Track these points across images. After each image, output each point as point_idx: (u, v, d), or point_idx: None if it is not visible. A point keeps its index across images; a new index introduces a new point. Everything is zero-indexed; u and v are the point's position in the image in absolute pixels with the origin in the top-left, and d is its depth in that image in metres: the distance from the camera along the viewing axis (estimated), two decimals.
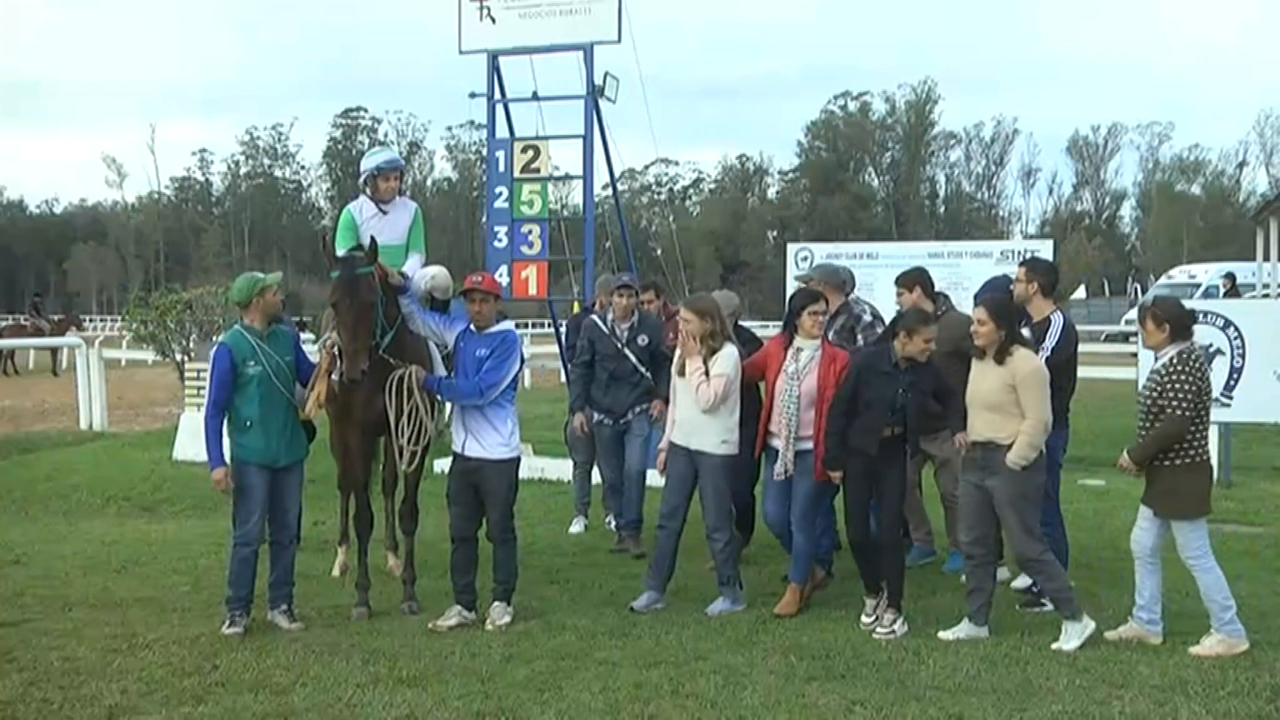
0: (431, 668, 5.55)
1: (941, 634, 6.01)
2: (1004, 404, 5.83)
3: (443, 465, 8.87)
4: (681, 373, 6.65)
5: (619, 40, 10.89)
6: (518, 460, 6.51)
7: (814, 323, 6.57)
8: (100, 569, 7.82)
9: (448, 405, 7.28)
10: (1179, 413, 5.72)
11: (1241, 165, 76.79)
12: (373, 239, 6.54)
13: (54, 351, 27.17)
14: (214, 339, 10.70)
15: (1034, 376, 5.85)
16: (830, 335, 7.08)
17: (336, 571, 7.60)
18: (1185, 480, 5.80)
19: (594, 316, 8.64)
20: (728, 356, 6.59)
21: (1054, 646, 5.77)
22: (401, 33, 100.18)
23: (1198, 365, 5.81)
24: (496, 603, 6.40)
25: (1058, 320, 6.63)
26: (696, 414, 6.60)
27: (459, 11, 11.41)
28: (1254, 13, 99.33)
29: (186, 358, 14.50)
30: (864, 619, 6.35)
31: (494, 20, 11.30)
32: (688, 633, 6.15)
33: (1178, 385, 5.73)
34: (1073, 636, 5.81)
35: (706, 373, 6.51)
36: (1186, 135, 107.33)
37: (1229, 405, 10.07)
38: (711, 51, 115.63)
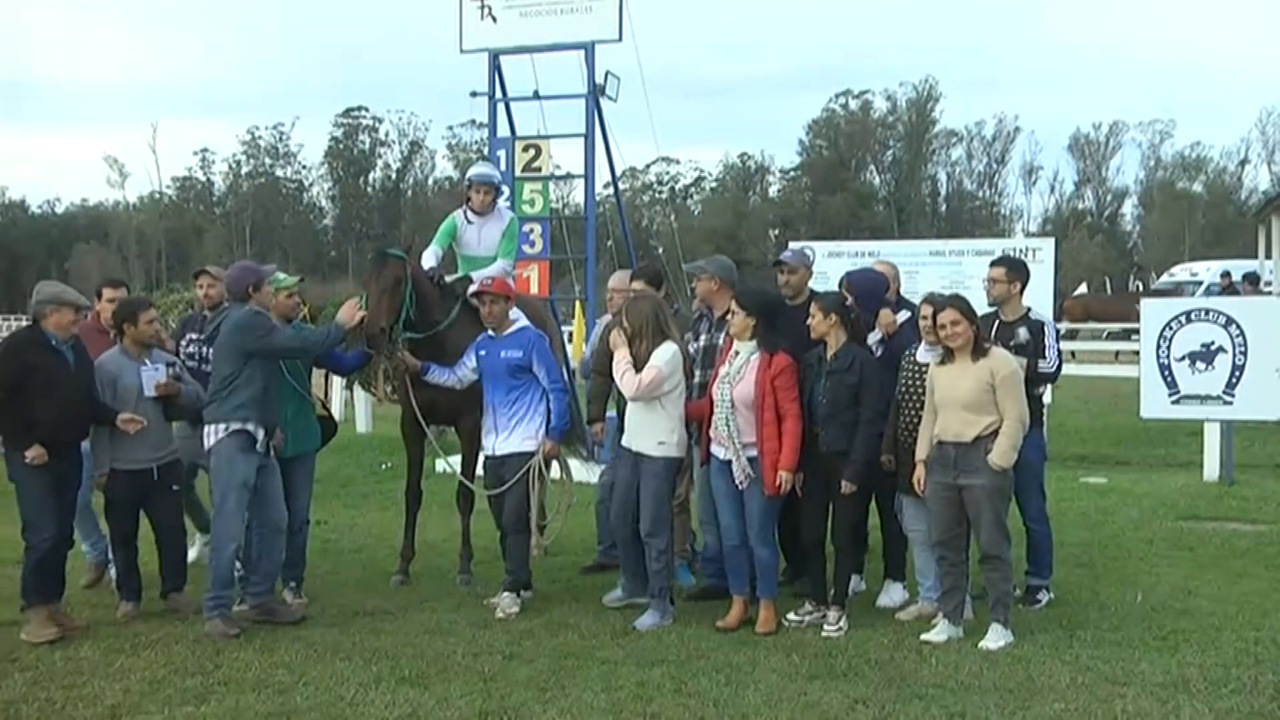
0: (434, 667, 5.55)
1: (924, 636, 5.95)
2: (981, 403, 5.82)
3: (442, 465, 8.90)
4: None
5: (620, 39, 10.88)
6: (534, 454, 6.57)
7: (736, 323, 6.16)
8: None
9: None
10: None
11: (1243, 163, 76.40)
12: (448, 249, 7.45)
13: None
14: None
15: (1013, 377, 5.88)
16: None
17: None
18: None
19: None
20: (663, 351, 6.24)
21: (980, 645, 5.76)
22: (402, 32, 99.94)
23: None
24: (505, 593, 6.55)
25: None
26: (634, 414, 6.40)
27: (460, 11, 11.41)
28: (1255, 11, 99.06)
29: None
30: (791, 616, 6.23)
31: (495, 19, 11.30)
32: (690, 631, 6.14)
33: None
34: (1000, 638, 5.82)
35: (637, 366, 6.22)
36: (1188, 133, 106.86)
37: (1231, 403, 10.05)
38: (712, 50, 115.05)
